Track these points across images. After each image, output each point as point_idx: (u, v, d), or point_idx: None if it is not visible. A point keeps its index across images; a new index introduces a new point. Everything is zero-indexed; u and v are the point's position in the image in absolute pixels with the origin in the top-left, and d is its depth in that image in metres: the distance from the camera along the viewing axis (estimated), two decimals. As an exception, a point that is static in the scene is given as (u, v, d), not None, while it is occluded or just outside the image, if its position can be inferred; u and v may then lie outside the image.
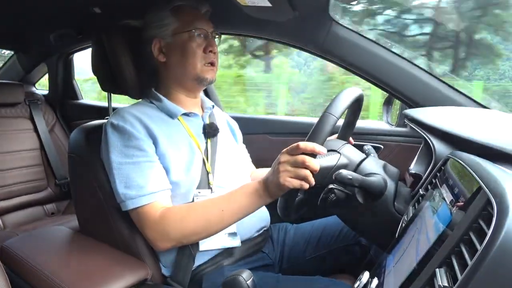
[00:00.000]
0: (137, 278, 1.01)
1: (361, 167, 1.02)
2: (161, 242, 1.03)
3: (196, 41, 1.15)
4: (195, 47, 1.15)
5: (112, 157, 1.05)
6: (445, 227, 0.55)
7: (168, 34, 1.16)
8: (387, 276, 0.67)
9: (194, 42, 1.15)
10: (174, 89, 1.21)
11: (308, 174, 0.89)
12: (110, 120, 1.10)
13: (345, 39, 1.39)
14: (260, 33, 1.57)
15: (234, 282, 0.81)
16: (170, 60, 1.17)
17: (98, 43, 1.23)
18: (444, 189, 0.69)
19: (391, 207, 0.97)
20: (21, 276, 1.00)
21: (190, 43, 1.15)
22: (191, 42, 1.15)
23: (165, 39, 1.16)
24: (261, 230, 1.22)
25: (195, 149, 1.14)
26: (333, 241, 1.27)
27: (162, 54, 1.18)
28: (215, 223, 1.00)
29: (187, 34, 1.15)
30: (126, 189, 1.03)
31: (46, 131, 2.21)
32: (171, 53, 1.17)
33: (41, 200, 2.14)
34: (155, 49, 1.17)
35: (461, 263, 0.45)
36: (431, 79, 1.35)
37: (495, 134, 0.93)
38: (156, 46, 1.17)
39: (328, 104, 0.93)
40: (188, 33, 1.15)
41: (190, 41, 1.15)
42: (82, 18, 1.74)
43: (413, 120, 1.11)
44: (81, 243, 1.15)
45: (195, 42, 1.15)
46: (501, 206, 0.45)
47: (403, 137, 1.54)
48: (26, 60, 2.34)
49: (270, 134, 1.79)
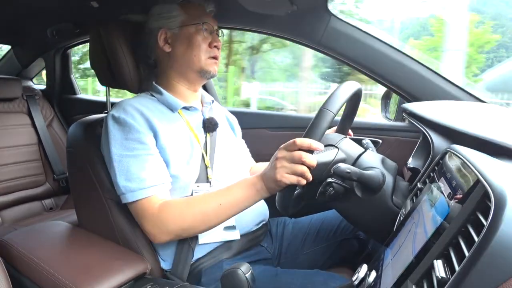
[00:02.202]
0: (136, 272, 1.01)
1: (360, 161, 1.02)
2: (160, 235, 1.03)
3: (202, 35, 1.17)
4: (201, 40, 1.16)
5: (113, 149, 1.06)
6: (443, 219, 0.55)
7: (176, 25, 1.17)
8: (385, 269, 0.68)
9: (201, 35, 1.16)
10: (176, 80, 1.21)
11: (305, 170, 0.89)
12: (112, 112, 1.10)
13: (343, 33, 1.39)
14: (258, 28, 1.57)
15: (233, 275, 0.81)
16: (175, 51, 1.18)
17: (95, 38, 1.23)
18: (442, 183, 0.70)
19: (389, 201, 0.97)
20: (19, 270, 1.00)
21: (196, 36, 1.16)
22: (198, 35, 1.16)
23: (172, 30, 1.17)
24: (260, 224, 1.22)
25: (195, 143, 1.14)
26: (331, 235, 1.27)
27: (168, 44, 1.18)
28: (213, 216, 1.01)
29: (194, 27, 1.16)
30: (127, 181, 1.03)
31: (44, 126, 2.20)
32: (177, 44, 1.17)
33: (39, 195, 2.13)
34: (160, 39, 1.18)
35: (458, 255, 0.46)
36: (430, 73, 1.35)
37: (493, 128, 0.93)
38: (162, 36, 1.18)
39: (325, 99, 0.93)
40: (195, 26, 1.16)
41: (197, 34, 1.16)
42: (79, 12, 1.73)
43: (411, 114, 1.11)
44: (79, 238, 1.15)
45: (202, 35, 1.17)
46: (499, 198, 0.45)
47: (401, 131, 1.54)
48: (24, 54, 2.32)
49: (269, 129, 1.79)
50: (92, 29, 1.24)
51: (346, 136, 1.12)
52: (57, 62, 2.34)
